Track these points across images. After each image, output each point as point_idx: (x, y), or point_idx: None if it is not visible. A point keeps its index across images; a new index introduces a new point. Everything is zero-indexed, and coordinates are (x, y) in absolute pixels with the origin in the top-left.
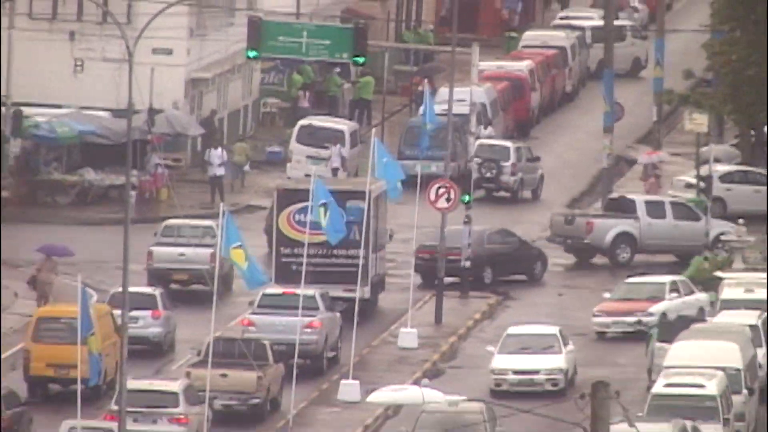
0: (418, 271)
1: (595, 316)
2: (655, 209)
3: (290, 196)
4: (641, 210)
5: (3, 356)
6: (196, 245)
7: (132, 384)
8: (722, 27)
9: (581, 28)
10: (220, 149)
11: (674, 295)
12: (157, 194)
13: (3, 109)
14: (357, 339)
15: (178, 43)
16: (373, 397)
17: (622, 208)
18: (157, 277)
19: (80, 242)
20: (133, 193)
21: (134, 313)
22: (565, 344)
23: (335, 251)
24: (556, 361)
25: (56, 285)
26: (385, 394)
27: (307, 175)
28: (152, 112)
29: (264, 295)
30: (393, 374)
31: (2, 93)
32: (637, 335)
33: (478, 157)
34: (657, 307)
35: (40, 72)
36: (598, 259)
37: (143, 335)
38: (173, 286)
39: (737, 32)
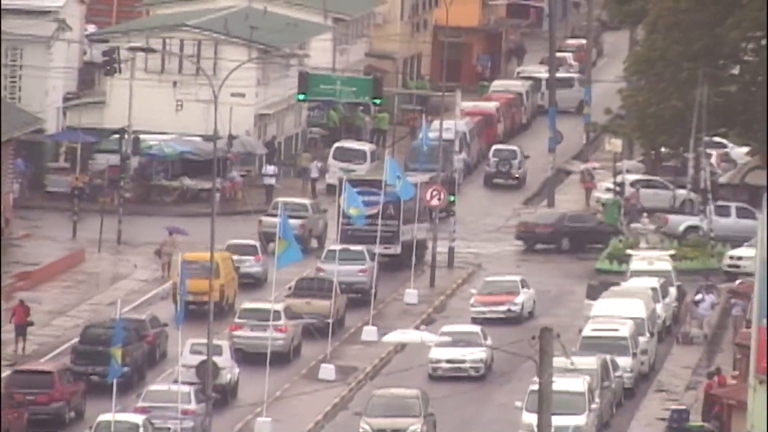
0: (520, 238)
1: (472, 306)
2: (723, 210)
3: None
4: (710, 209)
5: (154, 293)
6: (292, 216)
7: (247, 305)
8: (632, 78)
9: (535, 78)
10: (272, 166)
11: (525, 289)
12: (234, 195)
13: (126, 135)
14: (394, 282)
15: (249, 89)
16: (386, 338)
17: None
18: (265, 236)
19: None
20: (217, 194)
21: (243, 257)
22: (485, 340)
23: (377, 221)
24: (479, 353)
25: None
26: (395, 336)
27: (351, 170)
28: (231, 137)
29: (328, 250)
30: (400, 322)
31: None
32: (506, 319)
33: (496, 157)
34: (520, 299)
35: (152, 109)
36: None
37: (249, 272)
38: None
39: (642, 81)
